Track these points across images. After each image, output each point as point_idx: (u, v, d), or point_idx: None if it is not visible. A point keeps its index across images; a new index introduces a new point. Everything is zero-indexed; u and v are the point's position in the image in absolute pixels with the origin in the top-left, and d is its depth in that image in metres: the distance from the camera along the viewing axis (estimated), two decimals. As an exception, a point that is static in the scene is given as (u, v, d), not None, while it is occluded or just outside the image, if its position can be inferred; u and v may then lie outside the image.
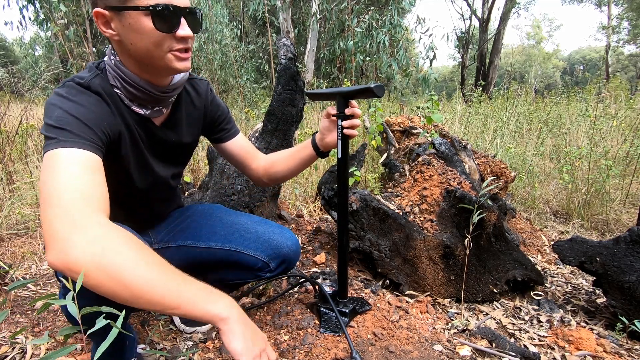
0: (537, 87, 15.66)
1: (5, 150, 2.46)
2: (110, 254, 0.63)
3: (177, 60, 0.83)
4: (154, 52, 0.81)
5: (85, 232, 0.63)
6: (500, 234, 1.53)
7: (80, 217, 0.64)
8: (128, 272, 0.63)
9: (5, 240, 1.95)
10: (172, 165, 1.09)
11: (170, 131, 1.01)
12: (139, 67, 0.85)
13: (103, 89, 0.84)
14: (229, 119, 1.17)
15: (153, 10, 0.76)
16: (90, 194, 0.68)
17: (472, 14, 15.25)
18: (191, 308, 0.67)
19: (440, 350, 1.14)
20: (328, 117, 1.09)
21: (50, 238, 0.63)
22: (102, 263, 0.62)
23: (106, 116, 0.82)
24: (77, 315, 0.55)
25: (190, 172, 2.86)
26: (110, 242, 0.65)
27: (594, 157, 2.98)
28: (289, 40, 1.75)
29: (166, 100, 0.94)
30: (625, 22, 22.48)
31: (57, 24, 4.24)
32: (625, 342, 1.29)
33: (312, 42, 7.96)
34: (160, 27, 0.78)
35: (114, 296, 0.64)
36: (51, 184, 0.67)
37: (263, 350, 0.72)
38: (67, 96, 0.77)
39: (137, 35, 0.79)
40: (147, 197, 1.07)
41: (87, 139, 0.73)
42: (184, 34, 0.80)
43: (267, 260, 1.11)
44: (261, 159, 1.20)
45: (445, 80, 22.65)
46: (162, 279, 0.66)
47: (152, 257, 0.68)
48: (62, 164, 0.69)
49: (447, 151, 1.91)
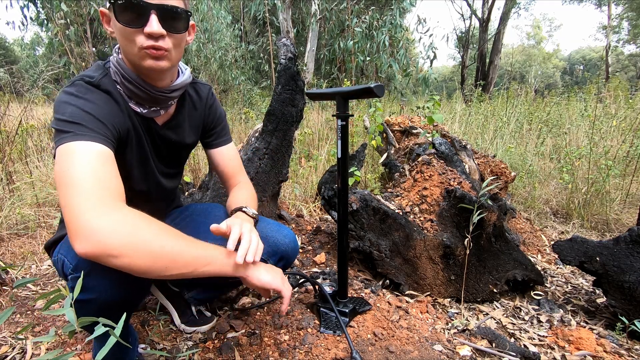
0: (537, 87, 15.67)
1: (5, 150, 2.46)
2: (140, 232, 0.69)
3: (148, 58, 0.82)
4: (127, 48, 0.82)
5: (111, 216, 0.67)
6: (500, 234, 1.53)
7: (104, 203, 0.68)
8: (159, 244, 0.70)
9: (5, 240, 1.95)
10: (171, 166, 1.10)
11: (172, 132, 1.02)
12: (131, 64, 0.86)
13: (112, 87, 0.86)
14: (224, 127, 1.17)
15: (115, 4, 0.77)
16: (107, 183, 0.71)
17: (472, 14, 15.25)
18: (220, 263, 0.81)
19: (440, 350, 1.14)
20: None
21: (76, 227, 0.65)
22: (133, 241, 0.67)
23: (116, 113, 0.84)
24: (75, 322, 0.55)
25: (190, 172, 2.86)
26: (136, 221, 0.70)
27: (594, 157, 2.98)
28: (289, 40, 1.75)
29: (164, 102, 0.94)
30: (625, 22, 22.48)
31: (58, 24, 4.24)
32: (625, 342, 1.29)
33: (312, 42, 7.95)
34: (122, 21, 0.78)
35: (149, 270, 0.69)
36: (70, 174, 0.69)
37: (283, 278, 0.94)
38: (77, 94, 0.79)
39: (118, 34, 0.82)
40: (148, 195, 1.08)
41: (101, 134, 0.76)
42: (148, 31, 0.78)
43: (265, 258, 1.11)
44: (236, 181, 1.18)
45: (445, 80, 22.66)
46: (189, 244, 0.76)
47: (172, 230, 0.76)
48: (79, 156, 0.71)
49: (447, 151, 1.91)
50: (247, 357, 1.08)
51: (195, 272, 0.76)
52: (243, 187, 1.18)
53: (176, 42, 0.85)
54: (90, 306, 0.77)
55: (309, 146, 3.87)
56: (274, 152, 1.77)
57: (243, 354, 1.09)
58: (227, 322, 1.24)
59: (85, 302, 0.76)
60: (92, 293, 0.76)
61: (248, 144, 1.85)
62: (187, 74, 0.98)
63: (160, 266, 0.70)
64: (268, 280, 0.89)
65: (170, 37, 0.83)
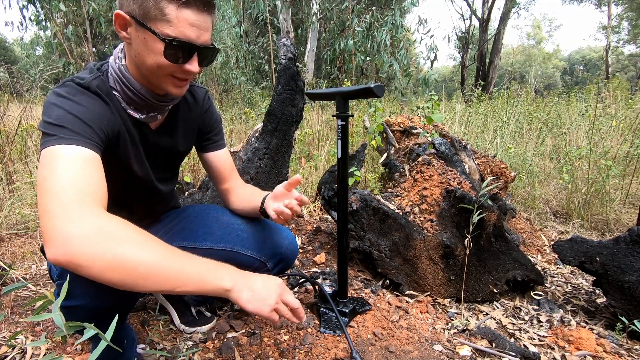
0: (537, 87, 15.66)
1: (5, 150, 2.46)
2: (110, 243, 0.63)
3: (173, 86, 0.86)
4: (155, 71, 0.83)
5: (83, 225, 0.63)
6: (500, 234, 1.53)
7: (77, 211, 0.65)
8: (129, 258, 0.64)
9: (5, 240, 1.95)
10: (165, 169, 1.09)
11: (165, 136, 1.01)
12: (139, 74, 0.86)
13: (102, 90, 0.84)
14: (219, 131, 1.17)
15: (169, 43, 0.78)
16: (88, 188, 0.69)
17: (472, 14, 15.26)
18: (197, 285, 0.70)
19: (440, 350, 1.14)
20: (277, 198, 1.02)
21: (49, 233, 0.63)
22: (102, 253, 0.62)
23: (105, 115, 0.82)
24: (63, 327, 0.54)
25: (190, 172, 2.86)
26: (108, 231, 0.65)
27: (593, 157, 2.97)
28: (289, 40, 1.75)
29: (162, 108, 0.95)
30: (625, 22, 22.50)
31: (57, 24, 4.24)
32: (625, 342, 1.29)
33: (312, 42, 7.95)
34: (169, 58, 0.80)
35: (119, 284, 0.64)
36: (49, 180, 0.67)
37: (277, 303, 0.78)
38: (66, 95, 0.77)
39: (146, 51, 0.80)
40: (141, 198, 1.07)
41: (86, 137, 0.74)
42: (189, 69, 0.82)
43: (264, 260, 1.11)
44: (232, 183, 1.18)
45: (445, 80, 22.64)
46: (165, 260, 0.67)
47: (151, 241, 0.69)
48: (61, 160, 0.69)
49: (447, 151, 1.91)
50: (247, 357, 1.08)
51: (175, 289, 0.68)
52: (248, 185, 1.21)
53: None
54: (78, 312, 0.75)
55: (309, 146, 3.87)
56: (274, 152, 1.77)
57: (243, 354, 1.09)
58: (227, 322, 1.24)
59: (73, 308, 0.75)
60: (78, 300, 0.74)
61: (248, 144, 1.85)
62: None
63: (131, 280, 0.64)
64: (253, 310, 0.76)
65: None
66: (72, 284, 0.69)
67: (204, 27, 0.81)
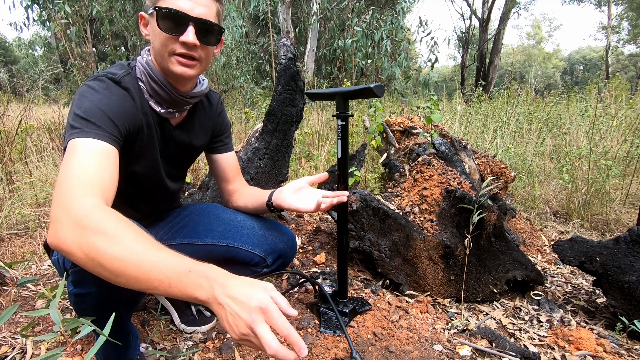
0: (537, 87, 15.66)
1: (5, 150, 2.46)
2: (88, 233, 0.63)
3: (177, 64, 0.90)
4: (160, 51, 0.89)
5: (69, 214, 0.65)
6: (500, 234, 1.53)
7: (72, 200, 0.67)
8: (103, 252, 0.62)
9: (5, 241, 1.95)
10: (177, 167, 1.14)
11: (183, 132, 1.07)
12: (159, 67, 0.93)
13: (132, 86, 0.91)
14: (228, 135, 1.24)
15: (159, 11, 0.84)
16: (93, 180, 0.72)
17: (472, 14, 15.26)
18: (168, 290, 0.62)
19: (440, 350, 1.14)
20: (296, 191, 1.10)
21: (50, 220, 0.68)
22: (80, 243, 0.63)
23: (130, 111, 0.88)
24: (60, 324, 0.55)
25: (190, 172, 2.86)
26: (90, 222, 0.64)
27: (593, 157, 2.97)
28: (289, 40, 1.75)
29: (182, 105, 1.01)
30: (625, 22, 22.50)
31: (59, 24, 4.25)
32: (625, 342, 1.29)
33: (312, 42, 7.95)
34: (162, 28, 0.86)
35: (103, 276, 0.64)
36: (63, 170, 0.72)
37: (253, 322, 0.61)
38: (97, 89, 0.83)
39: (153, 35, 0.89)
40: (151, 194, 1.11)
41: (107, 131, 0.79)
42: (184, 40, 0.86)
43: (264, 256, 1.12)
44: (236, 185, 1.25)
45: (445, 80, 22.64)
46: (141, 259, 0.62)
47: (137, 238, 0.64)
48: (78, 152, 0.74)
49: (447, 151, 1.91)
50: (247, 357, 1.08)
51: (147, 291, 0.64)
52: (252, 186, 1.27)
53: (206, 54, 0.93)
54: (89, 299, 0.78)
55: (309, 146, 3.87)
56: (274, 152, 1.77)
57: (243, 354, 1.09)
58: (227, 322, 1.24)
59: (83, 296, 0.78)
60: (88, 287, 0.77)
61: (248, 144, 1.85)
62: (205, 84, 1.06)
63: (110, 275, 0.62)
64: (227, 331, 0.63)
65: (202, 49, 0.91)
66: (83, 271, 0.71)
67: (200, 2, 0.87)
